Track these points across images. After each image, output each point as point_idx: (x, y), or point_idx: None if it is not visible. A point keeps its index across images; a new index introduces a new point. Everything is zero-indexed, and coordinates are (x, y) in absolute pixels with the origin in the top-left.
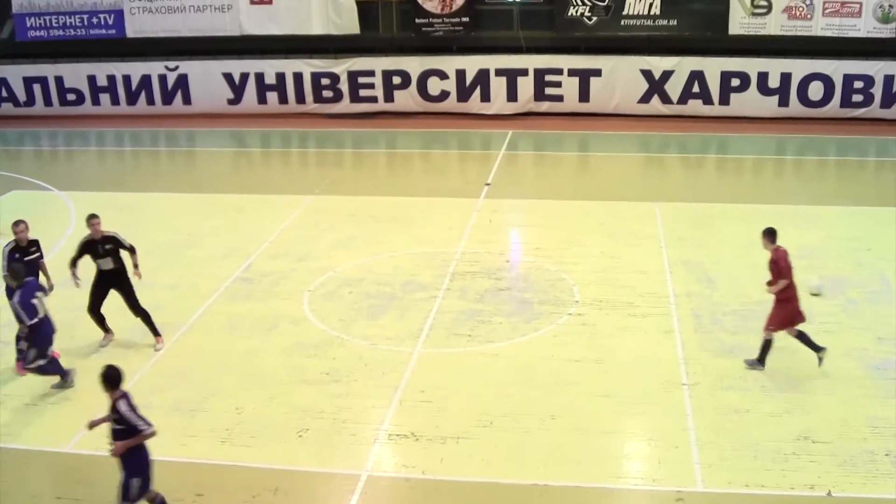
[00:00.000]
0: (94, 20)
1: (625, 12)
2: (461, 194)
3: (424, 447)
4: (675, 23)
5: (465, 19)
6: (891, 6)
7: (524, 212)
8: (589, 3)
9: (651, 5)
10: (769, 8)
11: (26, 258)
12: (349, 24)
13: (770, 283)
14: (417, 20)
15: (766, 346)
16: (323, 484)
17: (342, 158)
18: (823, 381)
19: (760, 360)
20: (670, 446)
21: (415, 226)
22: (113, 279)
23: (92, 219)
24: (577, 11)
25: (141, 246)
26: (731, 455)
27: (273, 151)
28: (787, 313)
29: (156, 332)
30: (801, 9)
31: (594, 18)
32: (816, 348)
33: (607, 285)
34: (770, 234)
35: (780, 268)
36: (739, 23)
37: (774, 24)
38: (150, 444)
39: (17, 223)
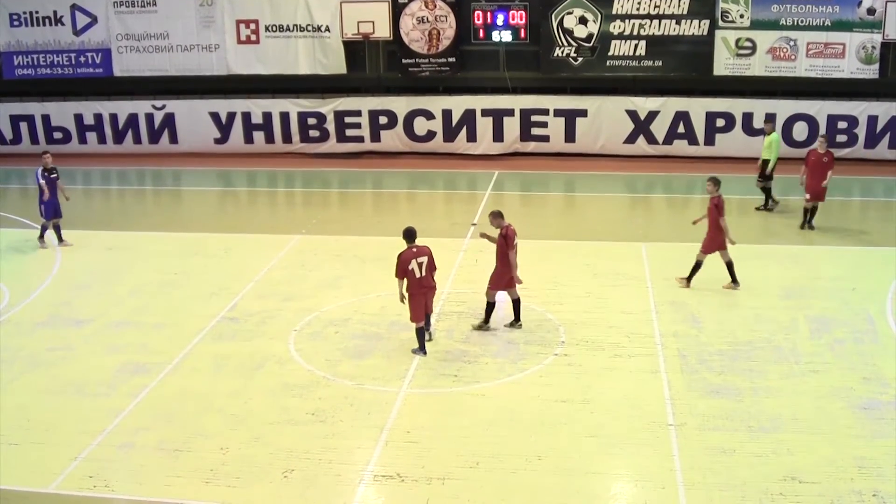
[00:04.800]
0: (82, 59)
1: (610, 53)
2: (447, 234)
3: (410, 488)
4: (661, 64)
5: (452, 60)
6: (874, 47)
7: None
8: (575, 45)
9: (636, 46)
10: (753, 49)
11: (51, 176)
12: (336, 64)
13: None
14: (404, 60)
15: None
16: None
17: (329, 198)
18: (810, 422)
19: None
20: (657, 487)
21: None
22: None
23: None
24: (562, 52)
25: (127, 284)
26: (718, 496)
27: (260, 191)
28: None
29: None
30: (785, 50)
31: (580, 59)
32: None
33: (593, 325)
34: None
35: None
36: (724, 64)
37: (759, 65)
38: (133, 485)
39: (45, 152)
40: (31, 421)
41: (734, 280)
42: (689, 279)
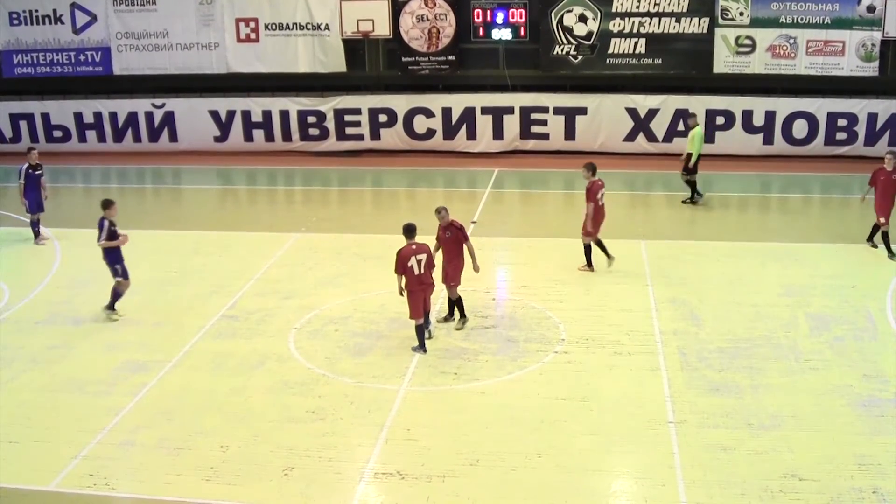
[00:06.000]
0: (81, 57)
1: (610, 51)
2: None
3: (410, 486)
4: (660, 61)
5: (451, 58)
6: (873, 45)
7: (510, 250)
8: (574, 42)
9: (636, 44)
10: (753, 47)
11: (35, 172)
12: (335, 62)
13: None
14: (404, 59)
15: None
16: None
17: (328, 196)
18: (810, 419)
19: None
20: (657, 484)
21: None
22: None
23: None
24: (562, 50)
25: None
26: (718, 493)
27: (259, 189)
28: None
29: None
30: (784, 48)
31: (579, 57)
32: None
33: (593, 323)
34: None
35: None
36: (724, 61)
37: (759, 63)
38: (134, 483)
39: (31, 148)
40: (31, 419)
41: (589, 264)
42: (588, 264)
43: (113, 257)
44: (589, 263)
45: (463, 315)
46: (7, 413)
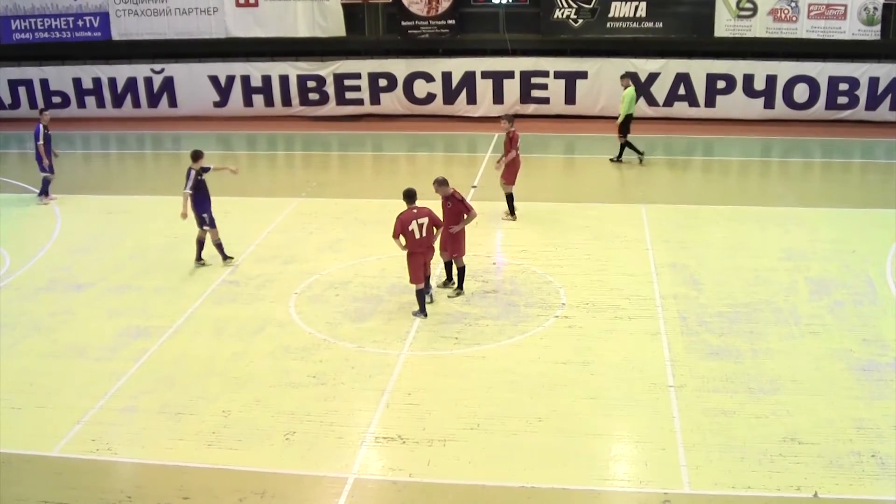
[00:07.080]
0: (80, 22)
1: (611, 14)
2: None
3: (411, 450)
4: (661, 25)
5: (451, 22)
6: (875, 8)
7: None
8: (575, 6)
9: (637, 8)
10: (755, 10)
11: (48, 133)
12: (335, 26)
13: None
14: (403, 23)
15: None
16: (310, 487)
17: (328, 161)
18: (809, 383)
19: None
20: (657, 448)
21: None
22: None
23: None
24: (563, 14)
25: (127, 248)
26: (718, 457)
27: (259, 154)
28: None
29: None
30: (786, 11)
31: (580, 21)
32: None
33: (594, 288)
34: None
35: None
36: (725, 25)
37: (760, 27)
38: (136, 448)
39: (43, 110)
40: (33, 385)
41: (512, 212)
42: (511, 213)
43: (200, 207)
44: (511, 212)
45: (460, 286)
46: (9, 379)
